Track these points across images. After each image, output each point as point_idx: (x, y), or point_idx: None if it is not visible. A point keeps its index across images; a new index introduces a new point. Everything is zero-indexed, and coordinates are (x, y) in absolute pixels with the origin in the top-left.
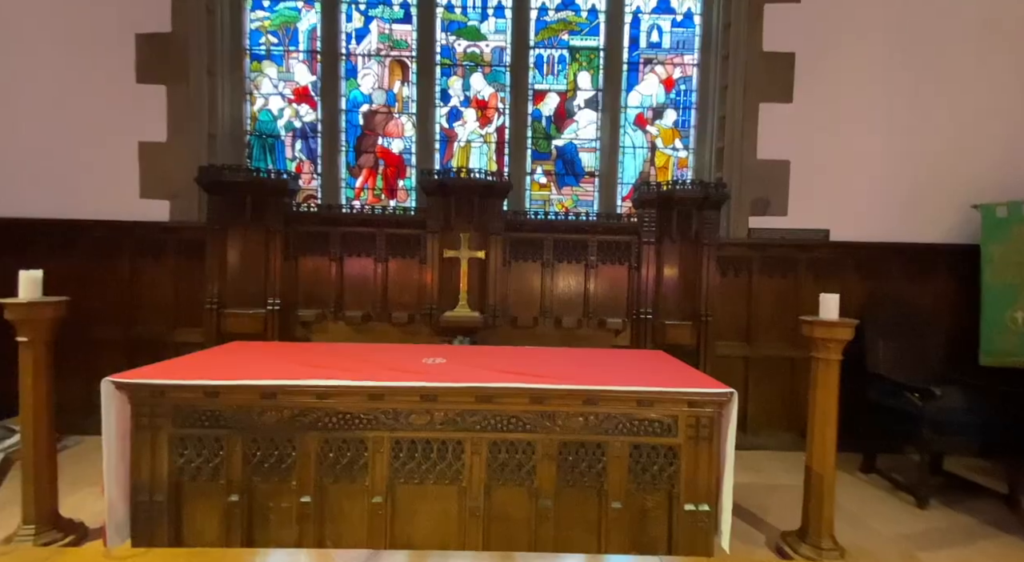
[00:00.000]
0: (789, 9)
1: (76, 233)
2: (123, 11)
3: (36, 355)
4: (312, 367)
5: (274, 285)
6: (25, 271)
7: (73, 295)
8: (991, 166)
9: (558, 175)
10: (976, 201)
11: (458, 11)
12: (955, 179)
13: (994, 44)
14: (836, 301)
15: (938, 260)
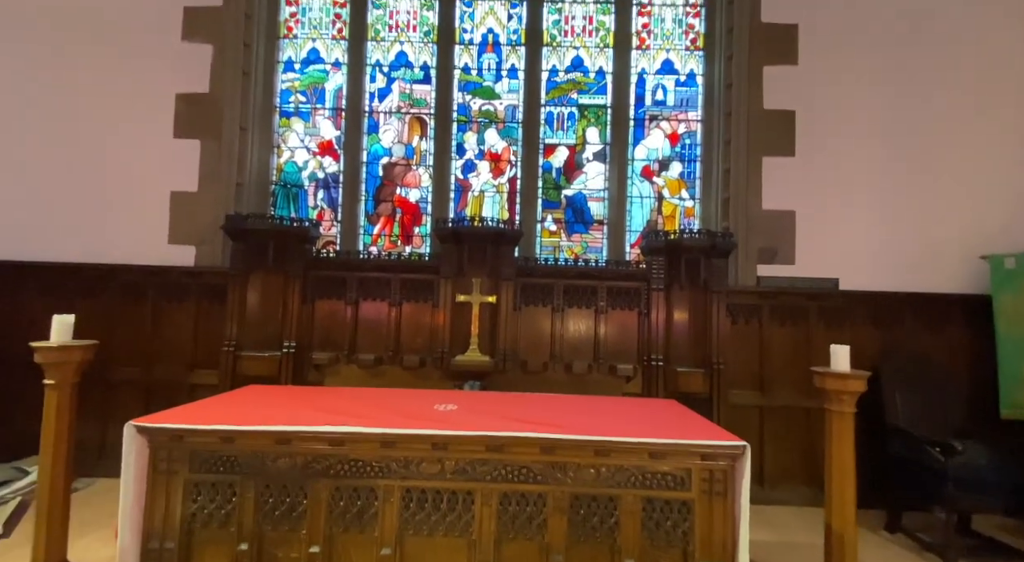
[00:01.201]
0: (787, 70)
1: (106, 277)
2: (166, 74)
3: (61, 398)
4: (326, 412)
5: (290, 328)
6: (59, 316)
7: (98, 337)
8: (998, 217)
9: (568, 223)
10: (984, 252)
11: (474, 73)
12: (962, 229)
13: (994, 98)
14: (847, 352)
15: (950, 310)
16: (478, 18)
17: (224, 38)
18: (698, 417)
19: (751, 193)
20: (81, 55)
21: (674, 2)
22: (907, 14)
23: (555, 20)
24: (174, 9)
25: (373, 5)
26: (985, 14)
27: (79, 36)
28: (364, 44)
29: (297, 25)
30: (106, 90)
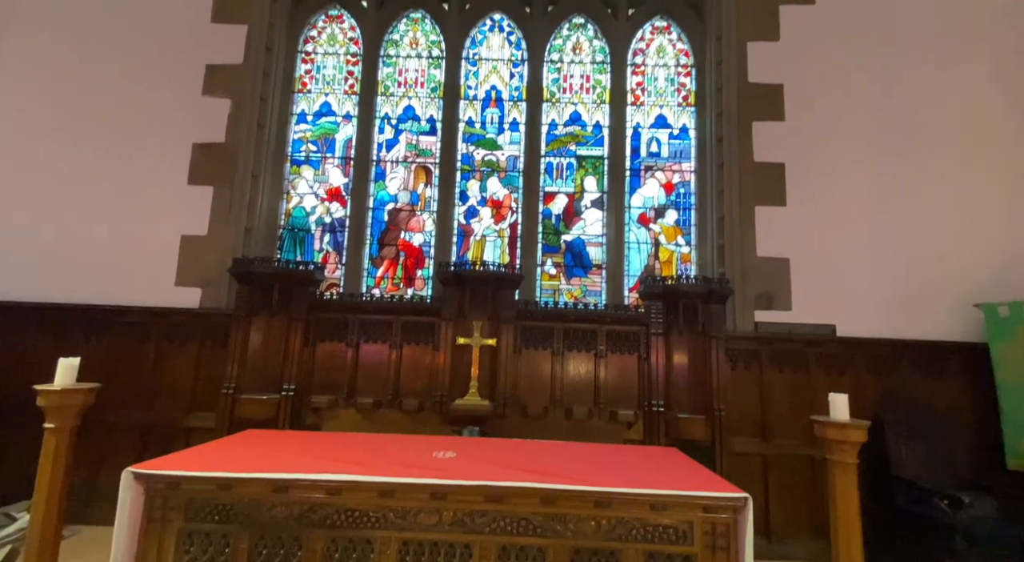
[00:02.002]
0: (775, 126)
1: (111, 318)
2: (185, 125)
3: (59, 442)
4: (324, 459)
5: (291, 370)
6: (65, 359)
7: (99, 378)
8: (989, 265)
9: (567, 267)
10: (978, 299)
11: (478, 126)
12: (955, 277)
13: (978, 148)
14: (845, 401)
15: (949, 358)
16: (482, 76)
17: (242, 93)
18: (700, 467)
19: (745, 241)
20: (105, 107)
21: (666, 63)
22: (882, 74)
23: (554, 78)
24: (196, 67)
25: (383, 64)
26: (957, 74)
27: (104, 90)
28: (374, 99)
29: (311, 81)
30: (126, 139)
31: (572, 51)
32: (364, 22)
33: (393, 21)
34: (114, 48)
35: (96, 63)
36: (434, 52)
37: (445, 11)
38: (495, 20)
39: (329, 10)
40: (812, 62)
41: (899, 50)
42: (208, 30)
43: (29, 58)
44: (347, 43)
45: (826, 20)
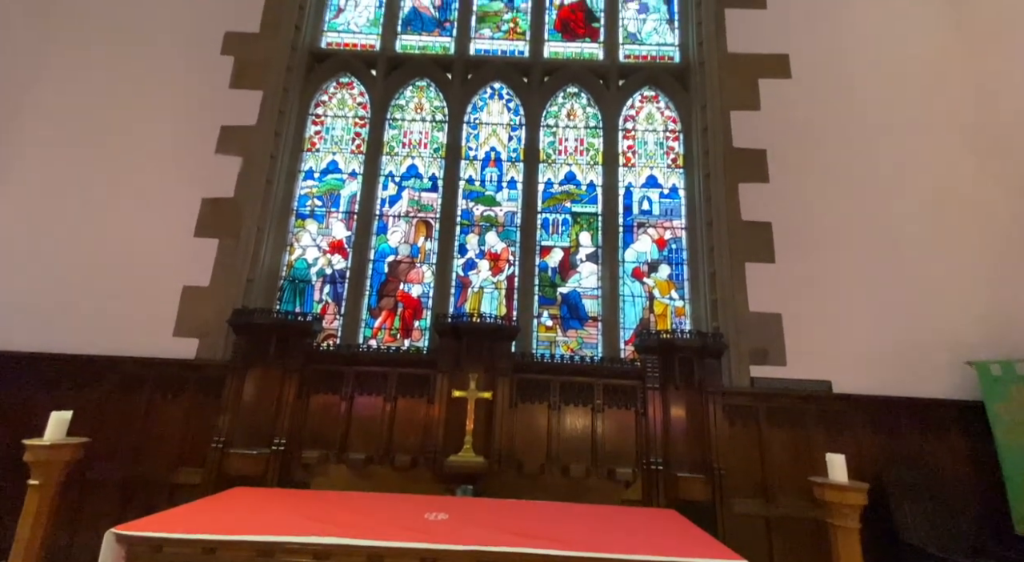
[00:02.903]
0: (760, 187)
1: (105, 368)
2: (196, 181)
3: (42, 499)
4: (312, 520)
5: (283, 424)
6: (57, 412)
7: (88, 430)
8: (980, 323)
9: (563, 319)
10: (971, 356)
11: (477, 183)
12: (946, 334)
13: (954, 210)
14: (843, 462)
15: (947, 416)
16: (482, 138)
17: (253, 151)
18: (700, 531)
19: (737, 296)
20: (119, 161)
21: (655, 128)
22: (858, 141)
23: (550, 141)
24: (212, 127)
25: (389, 126)
26: (929, 141)
27: (120, 145)
28: (379, 158)
29: (320, 141)
30: (138, 192)
31: (566, 117)
32: (373, 89)
33: (400, 88)
34: (135, 105)
35: (114, 121)
36: (437, 116)
37: (449, 80)
38: (495, 89)
39: (340, 78)
40: (792, 129)
41: (873, 119)
42: (225, 95)
43: (52, 119)
44: (356, 107)
45: (803, 91)
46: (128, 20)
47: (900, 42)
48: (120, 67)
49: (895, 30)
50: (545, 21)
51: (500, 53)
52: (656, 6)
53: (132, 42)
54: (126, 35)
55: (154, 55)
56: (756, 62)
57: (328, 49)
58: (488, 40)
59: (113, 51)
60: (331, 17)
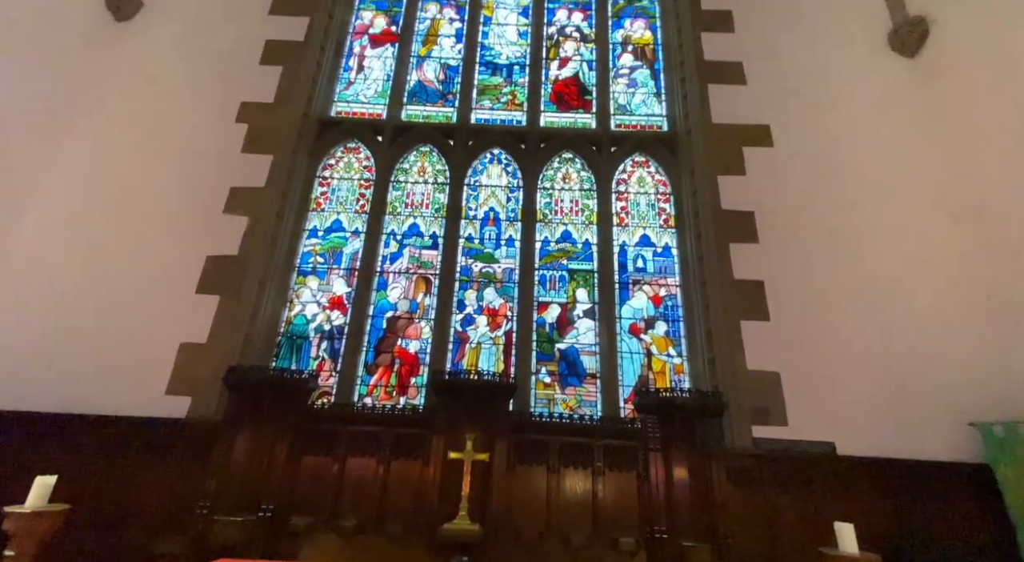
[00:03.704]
0: (751, 247)
1: (93, 429)
2: (203, 239)
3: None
4: None
5: (272, 487)
6: (41, 477)
7: (71, 494)
8: (980, 383)
9: (561, 375)
10: (972, 417)
11: (476, 241)
12: (948, 394)
13: (936, 270)
14: (852, 532)
15: (955, 480)
16: (482, 199)
17: (260, 211)
18: None
19: (735, 354)
20: (127, 219)
21: (647, 191)
22: (840, 201)
23: (547, 202)
24: (222, 188)
25: (393, 188)
26: (904, 202)
27: (131, 206)
28: (383, 217)
29: (326, 201)
30: (143, 249)
31: (562, 180)
32: (378, 154)
33: (404, 153)
34: (149, 165)
35: (126, 180)
36: (439, 179)
37: (451, 146)
38: (494, 154)
39: (348, 143)
40: (778, 193)
41: (853, 184)
42: (237, 159)
43: (70, 163)
44: (361, 170)
45: (786, 158)
46: (152, 86)
47: (874, 112)
48: (137, 129)
49: (868, 102)
50: (541, 94)
51: (499, 122)
52: (644, 81)
53: (152, 107)
54: (147, 101)
55: (172, 119)
56: (739, 132)
57: (337, 117)
58: (488, 110)
59: (133, 112)
60: (341, 89)
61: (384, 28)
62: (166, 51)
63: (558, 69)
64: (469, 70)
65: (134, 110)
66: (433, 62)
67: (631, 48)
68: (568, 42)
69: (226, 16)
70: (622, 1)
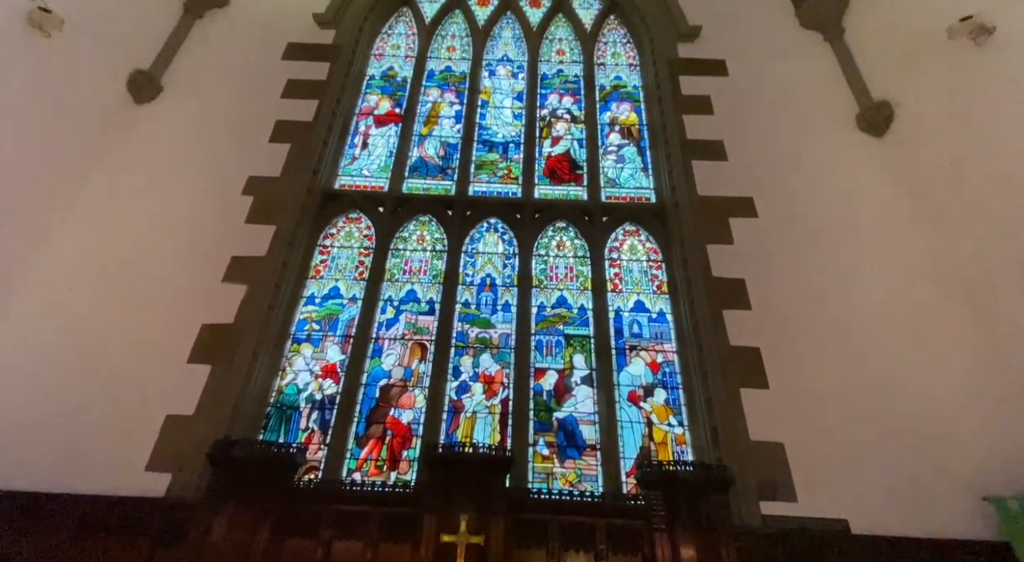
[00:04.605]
0: (744, 314)
1: (64, 510)
2: (199, 308)
3: None
4: None
5: None
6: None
7: None
8: (992, 454)
9: (560, 447)
10: (986, 491)
11: (473, 307)
12: (959, 467)
13: (931, 344)
14: None
15: (974, 558)
16: (479, 266)
17: (259, 280)
18: None
19: (737, 424)
20: (125, 290)
21: (639, 258)
22: (828, 267)
23: (542, 268)
24: (223, 257)
25: (392, 256)
26: (891, 265)
27: (130, 275)
28: (380, 284)
29: (325, 268)
30: (137, 318)
31: (556, 248)
32: (379, 223)
33: (404, 222)
34: (150, 235)
35: (128, 250)
36: (437, 247)
37: (449, 216)
38: (491, 223)
39: (350, 213)
40: (767, 261)
41: (838, 252)
42: (240, 229)
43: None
44: (362, 239)
45: (771, 228)
46: (163, 162)
47: (850, 187)
48: (144, 201)
49: (843, 177)
50: (535, 169)
51: (496, 194)
52: (631, 157)
53: (161, 180)
54: (157, 175)
55: (180, 192)
56: (725, 203)
57: (341, 190)
58: (485, 183)
59: (141, 186)
60: (346, 164)
61: (388, 110)
62: (180, 130)
63: (551, 146)
64: (467, 147)
65: (143, 183)
66: (434, 140)
67: (618, 128)
68: (560, 123)
69: (241, 99)
70: (608, 87)
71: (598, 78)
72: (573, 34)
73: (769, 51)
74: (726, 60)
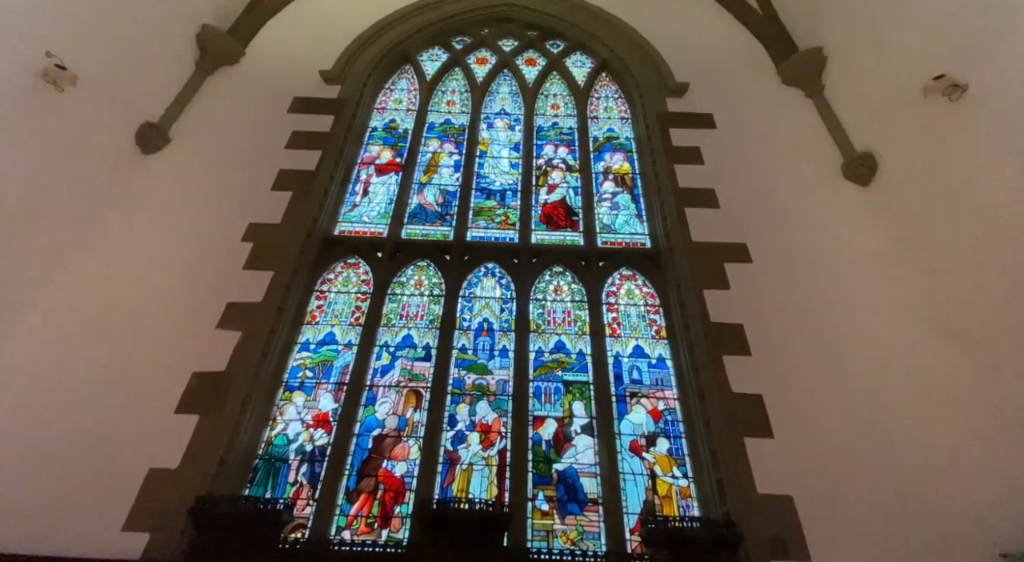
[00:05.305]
0: (744, 360)
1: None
2: (191, 354)
3: None
4: None
5: None
6: None
7: None
8: (1006, 507)
9: (560, 501)
10: (1003, 547)
11: (470, 352)
12: (973, 521)
13: (932, 391)
14: None
15: None
16: (476, 310)
17: (254, 326)
18: None
19: (743, 475)
20: (116, 339)
21: (636, 303)
22: (825, 314)
23: (540, 312)
24: (219, 303)
25: (389, 300)
26: (893, 316)
27: (122, 324)
28: (377, 329)
29: (321, 314)
30: (125, 368)
31: (553, 292)
32: (377, 268)
33: (402, 267)
34: (146, 282)
35: (127, 297)
36: (435, 291)
37: (447, 261)
38: (488, 268)
39: (348, 259)
40: (763, 306)
41: (833, 298)
42: (238, 275)
43: (64, 283)
44: (360, 284)
45: (765, 274)
46: (165, 211)
47: (838, 234)
48: (144, 249)
49: (832, 224)
50: (532, 215)
51: (493, 239)
52: (625, 204)
53: (162, 228)
54: (158, 223)
55: (180, 240)
56: (719, 249)
57: (340, 236)
58: (483, 229)
59: (142, 234)
60: (346, 211)
61: (390, 159)
62: (184, 179)
63: (547, 194)
64: (466, 195)
65: (144, 232)
66: (433, 188)
67: (612, 176)
68: (555, 171)
69: (245, 150)
70: (602, 138)
71: (591, 130)
72: (567, 90)
73: (754, 105)
74: (713, 114)
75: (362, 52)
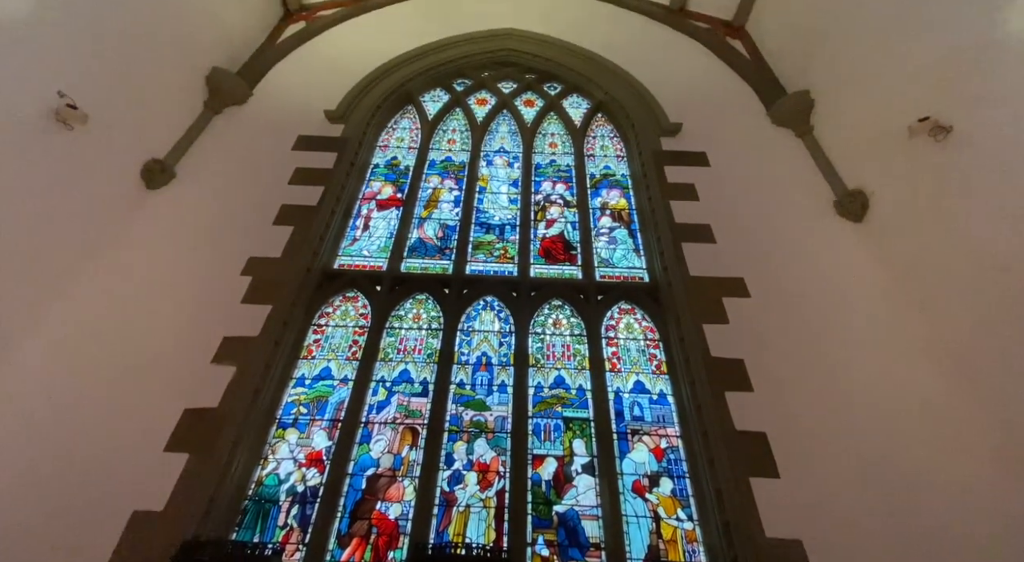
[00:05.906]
0: (747, 396)
1: None
2: (184, 391)
3: None
4: None
5: None
6: None
7: None
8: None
9: (561, 546)
10: None
11: (468, 387)
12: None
13: (938, 428)
14: None
15: None
16: (474, 344)
17: (249, 361)
18: None
19: (750, 519)
20: (109, 380)
21: (636, 337)
22: (825, 353)
23: (539, 347)
24: (215, 337)
25: (387, 334)
26: (890, 359)
27: (116, 363)
28: (373, 363)
29: (318, 348)
30: (118, 406)
31: (552, 326)
32: (376, 302)
33: (401, 301)
34: (148, 319)
35: (122, 331)
36: (433, 325)
37: (446, 294)
38: (487, 301)
39: (347, 292)
40: (763, 341)
41: (832, 333)
42: (236, 309)
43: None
44: (358, 318)
45: (764, 309)
46: (166, 245)
47: (833, 269)
48: (143, 283)
49: (826, 259)
50: (531, 249)
51: (492, 273)
52: (623, 239)
53: (162, 262)
54: (159, 257)
55: (179, 274)
56: (716, 284)
57: (339, 269)
58: (482, 263)
59: (141, 268)
60: (346, 245)
61: (391, 195)
62: (187, 215)
63: (545, 229)
64: (465, 229)
65: (144, 267)
66: (433, 222)
67: (609, 212)
68: (553, 207)
69: (249, 186)
70: (598, 175)
71: (588, 167)
72: (564, 129)
73: (747, 144)
74: (707, 152)
75: (366, 93)
